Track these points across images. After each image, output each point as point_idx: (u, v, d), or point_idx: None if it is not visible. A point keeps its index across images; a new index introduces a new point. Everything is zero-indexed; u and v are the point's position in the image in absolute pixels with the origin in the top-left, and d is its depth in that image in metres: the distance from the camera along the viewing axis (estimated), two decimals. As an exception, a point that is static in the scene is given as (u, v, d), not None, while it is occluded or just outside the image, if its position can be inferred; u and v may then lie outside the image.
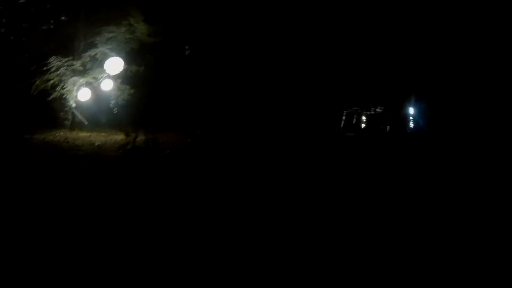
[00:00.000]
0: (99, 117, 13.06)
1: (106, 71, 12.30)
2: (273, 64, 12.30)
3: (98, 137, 12.04)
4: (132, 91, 12.19)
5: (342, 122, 19.04)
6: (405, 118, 18.16)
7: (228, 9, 11.77)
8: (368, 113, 19.21)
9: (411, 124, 18.16)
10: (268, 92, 12.40)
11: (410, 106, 17.68)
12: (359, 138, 16.69)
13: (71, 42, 13.25)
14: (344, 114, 19.03)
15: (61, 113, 13.04)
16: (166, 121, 11.98)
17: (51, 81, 12.52)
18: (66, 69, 12.26)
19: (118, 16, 12.27)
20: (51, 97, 12.75)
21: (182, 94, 12.26)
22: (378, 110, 18.80)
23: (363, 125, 19.77)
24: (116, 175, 7.03)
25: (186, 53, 12.21)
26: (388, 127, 18.76)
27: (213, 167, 7.97)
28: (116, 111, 12.30)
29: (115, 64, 12.25)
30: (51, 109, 13.46)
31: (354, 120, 19.53)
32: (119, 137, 11.84)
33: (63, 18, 14.63)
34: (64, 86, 12.52)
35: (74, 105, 12.63)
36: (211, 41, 11.96)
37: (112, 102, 12.26)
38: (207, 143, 9.70)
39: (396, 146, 14.92)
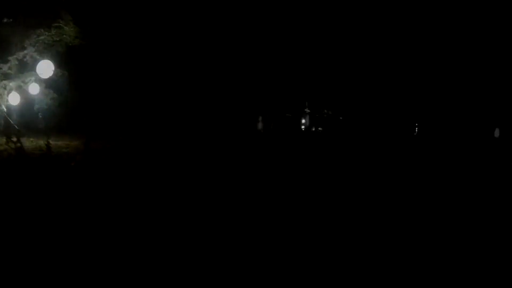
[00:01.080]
0: (33, 122, 12.68)
1: (39, 74, 11.96)
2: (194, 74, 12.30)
3: (26, 143, 11.68)
4: (55, 95, 11.84)
5: (260, 125, 23.33)
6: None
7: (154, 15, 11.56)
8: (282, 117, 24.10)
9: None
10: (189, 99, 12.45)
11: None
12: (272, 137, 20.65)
13: (6, 45, 12.90)
14: (260, 119, 23.16)
15: (-8, 118, 12.66)
16: (91, 126, 11.61)
17: (-19, 85, 12.16)
18: (-6, 73, 11.90)
19: (49, 18, 11.93)
20: (-18, 102, 12.38)
21: (109, 99, 11.92)
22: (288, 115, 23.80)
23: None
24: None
25: (115, 57, 11.86)
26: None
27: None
28: (41, 116, 11.94)
29: (46, 67, 11.88)
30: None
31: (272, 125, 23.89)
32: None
33: (4, 20, 14.39)
34: (-6, 90, 12.16)
35: (5, 109, 12.26)
36: (138, 45, 11.68)
37: (37, 106, 11.92)
38: (125, 149, 9.39)
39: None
